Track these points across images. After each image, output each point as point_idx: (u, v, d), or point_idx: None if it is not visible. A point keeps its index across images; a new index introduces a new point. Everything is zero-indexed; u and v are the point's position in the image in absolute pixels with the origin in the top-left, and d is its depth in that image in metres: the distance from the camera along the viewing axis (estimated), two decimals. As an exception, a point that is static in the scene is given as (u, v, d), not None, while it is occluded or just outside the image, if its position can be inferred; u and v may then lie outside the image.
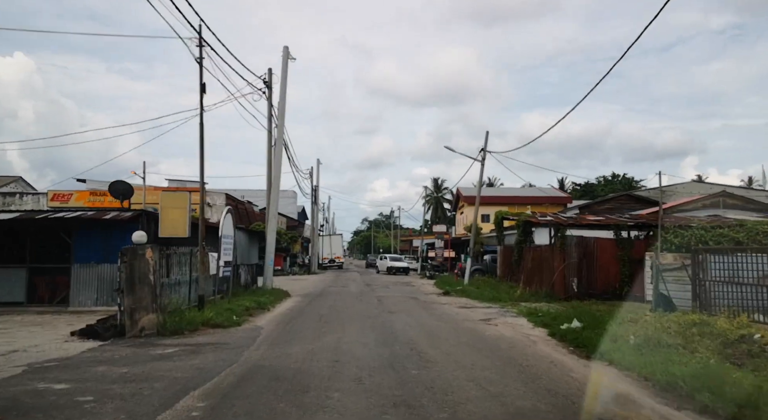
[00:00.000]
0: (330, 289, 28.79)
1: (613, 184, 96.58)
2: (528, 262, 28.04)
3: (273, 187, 22.52)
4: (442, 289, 28.98)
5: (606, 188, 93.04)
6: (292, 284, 32.22)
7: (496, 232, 34.65)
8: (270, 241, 22.65)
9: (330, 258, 60.68)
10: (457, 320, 15.78)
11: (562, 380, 8.40)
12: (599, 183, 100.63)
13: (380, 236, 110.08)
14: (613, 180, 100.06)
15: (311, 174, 46.90)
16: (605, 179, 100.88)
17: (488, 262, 38.69)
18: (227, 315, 14.32)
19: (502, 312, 18.50)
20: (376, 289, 29.49)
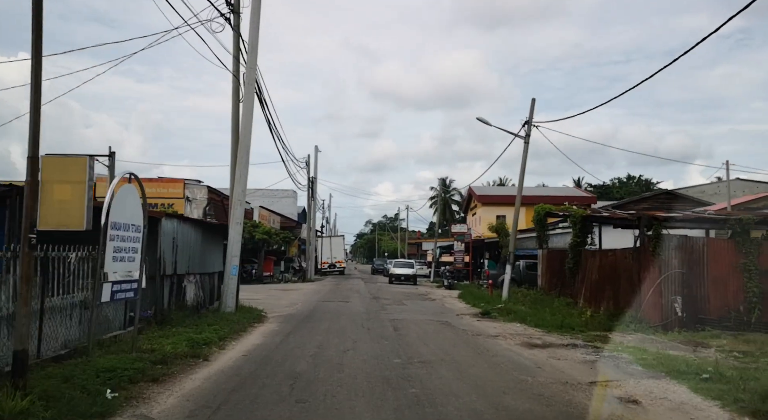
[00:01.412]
0: (325, 307, 21.10)
1: (628, 186, 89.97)
2: (592, 272, 20.39)
3: (240, 154, 14.80)
4: (476, 306, 21.32)
5: (621, 190, 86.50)
6: (277, 297, 24.59)
7: (537, 231, 26.94)
8: (233, 239, 14.94)
9: (330, 262, 53.01)
10: (557, 392, 8.02)
11: None
12: (613, 184, 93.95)
13: (385, 239, 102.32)
14: (629, 181, 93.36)
15: (307, 163, 39.52)
16: (620, 181, 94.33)
17: (522, 270, 31.02)
18: (84, 393, 6.54)
19: (607, 358, 10.76)
20: (387, 305, 21.80)
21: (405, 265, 44.04)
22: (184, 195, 40.08)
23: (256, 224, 36.71)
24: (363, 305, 21.52)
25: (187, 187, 40.37)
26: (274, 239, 36.69)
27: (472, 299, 23.79)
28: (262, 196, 65.74)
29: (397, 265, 43.82)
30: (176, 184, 40.07)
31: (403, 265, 44.08)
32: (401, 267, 42.75)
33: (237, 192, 14.99)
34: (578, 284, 21.61)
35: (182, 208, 40.37)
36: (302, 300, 23.68)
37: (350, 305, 21.46)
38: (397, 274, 41.18)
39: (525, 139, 22.95)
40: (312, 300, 23.73)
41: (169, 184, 40.06)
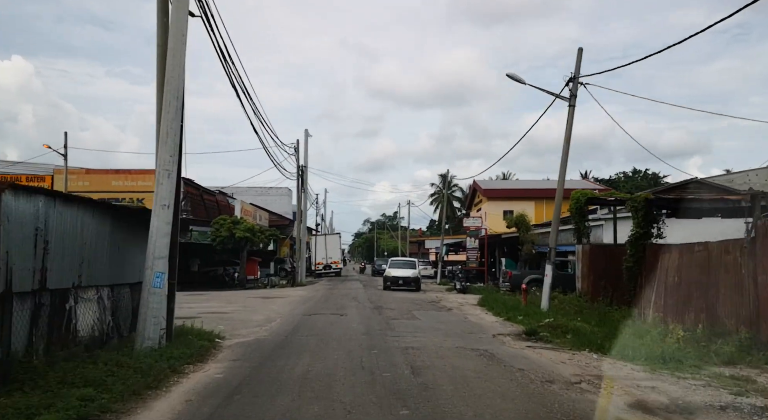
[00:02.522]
0: (311, 324, 15.57)
1: (634, 180, 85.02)
2: (667, 273, 14.95)
3: (167, 99, 9.09)
4: (512, 320, 15.78)
5: (628, 184, 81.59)
6: (253, 309, 19.04)
7: (576, 223, 21.50)
8: (158, 231, 9.32)
9: (325, 263, 47.42)
10: None
11: None
12: (619, 179, 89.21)
13: (385, 238, 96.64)
14: (634, 176, 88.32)
15: (296, 149, 33.99)
16: (625, 175, 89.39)
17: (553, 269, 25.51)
18: None
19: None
20: (394, 320, 16.22)
21: (405, 265, 32.47)
22: (157, 188, 34.47)
23: (237, 220, 31.15)
24: (362, 321, 15.97)
25: (159, 179, 34.77)
26: (258, 238, 31.14)
27: (501, 309, 18.30)
28: (255, 194, 60.34)
29: (395, 266, 32.42)
30: (146, 176, 34.41)
31: (403, 264, 32.49)
32: (400, 267, 31.68)
33: (163, 158, 9.43)
34: (642, 289, 16.18)
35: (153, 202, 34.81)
36: (284, 312, 18.15)
37: (345, 321, 15.91)
38: (395, 277, 30.45)
39: (570, 101, 17.43)
40: (297, 312, 18.20)
41: (138, 176, 34.44)
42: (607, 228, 30.37)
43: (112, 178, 33.99)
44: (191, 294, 26.59)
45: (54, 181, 33.42)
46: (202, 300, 22.88)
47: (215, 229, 30.66)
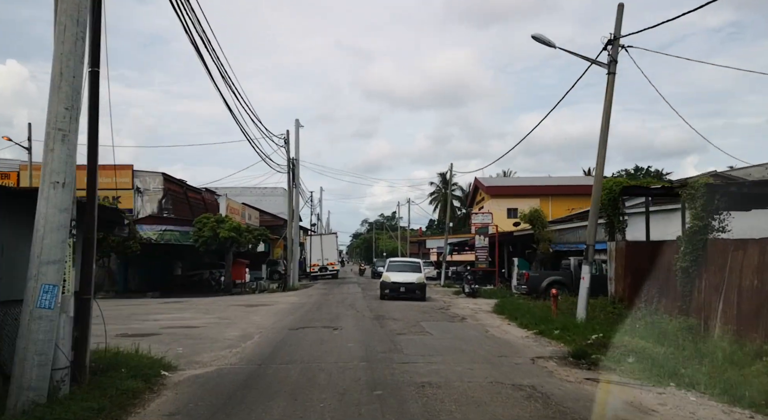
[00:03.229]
0: (296, 343, 12.33)
1: (636, 178, 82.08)
2: (744, 277, 11.73)
3: (60, 16, 5.98)
4: (546, 335, 12.52)
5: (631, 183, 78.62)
6: (230, 322, 15.69)
7: (609, 216, 18.33)
8: (48, 224, 6.07)
9: (321, 265, 44.09)
10: None
11: None
12: (621, 177, 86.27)
13: (383, 238, 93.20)
14: (636, 173, 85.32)
15: (286, 140, 30.66)
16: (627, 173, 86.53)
17: (573, 269, 22.36)
18: None
19: None
20: (399, 336, 12.89)
21: (406, 267, 25.25)
22: (134, 185, 31.21)
23: (221, 219, 27.85)
24: (360, 337, 12.69)
25: (137, 175, 31.50)
26: (245, 238, 27.84)
27: (526, 318, 15.03)
28: (250, 194, 57.20)
29: (395, 268, 24.86)
30: (123, 172, 31.11)
31: (404, 267, 25.24)
32: (400, 270, 24.41)
33: (56, 112, 6.11)
34: (702, 294, 12.97)
35: (131, 200, 31.53)
36: (267, 325, 14.87)
37: (339, 338, 12.63)
38: (395, 283, 23.23)
39: (609, 68, 14.19)
40: (282, 325, 14.91)
41: (113, 172, 31.13)
42: (632, 223, 27.17)
43: (83, 174, 30.57)
44: (167, 301, 23.32)
45: (20, 177, 30.14)
46: (175, 309, 19.61)
47: (198, 228, 27.39)
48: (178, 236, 28.27)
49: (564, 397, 7.20)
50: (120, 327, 14.61)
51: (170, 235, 28.19)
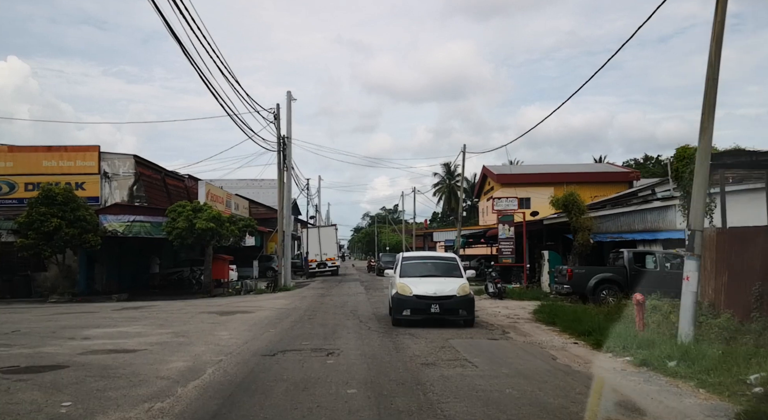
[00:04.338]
0: (268, 382, 7.74)
1: (645, 167, 78.02)
2: None
3: None
4: (654, 368, 7.89)
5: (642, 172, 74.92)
6: (187, 336, 10.90)
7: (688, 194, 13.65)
8: None
9: (319, 260, 39.43)
10: None
11: None
12: (630, 166, 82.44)
13: (386, 232, 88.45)
14: (646, 163, 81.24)
15: (276, 116, 25.94)
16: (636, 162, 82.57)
17: (626, 263, 17.72)
18: None
19: None
20: (426, 373, 8.11)
21: (435, 267, 14.63)
22: (100, 169, 26.51)
23: (199, 207, 23.23)
24: (366, 375, 7.97)
25: (104, 158, 26.81)
26: (226, 229, 23.20)
27: (598, 334, 10.43)
28: (246, 186, 52.71)
29: (415, 270, 14.24)
30: (88, 155, 26.40)
31: (432, 267, 14.60)
32: (426, 274, 13.98)
33: None
34: None
35: (97, 187, 26.84)
36: (233, 349, 10.24)
37: (334, 375, 7.95)
38: (421, 299, 12.85)
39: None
40: (254, 348, 10.27)
41: (77, 155, 26.45)
42: (684, 209, 22.62)
43: (42, 156, 25.97)
44: (127, 307, 18.72)
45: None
46: (126, 320, 15.01)
47: (171, 218, 22.77)
48: (149, 228, 23.64)
49: None
50: (22, 352, 10.07)
51: (140, 227, 23.56)
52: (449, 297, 12.83)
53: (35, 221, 20.83)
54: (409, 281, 13.27)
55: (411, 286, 12.97)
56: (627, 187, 45.13)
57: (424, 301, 12.75)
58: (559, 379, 7.68)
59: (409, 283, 13.17)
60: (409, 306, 12.84)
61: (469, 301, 13.08)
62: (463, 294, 13.00)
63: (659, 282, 16.54)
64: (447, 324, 12.96)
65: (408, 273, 13.96)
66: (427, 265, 14.71)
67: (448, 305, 12.80)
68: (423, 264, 14.81)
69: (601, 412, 6.00)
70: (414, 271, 14.06)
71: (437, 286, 13.05)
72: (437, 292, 12.83)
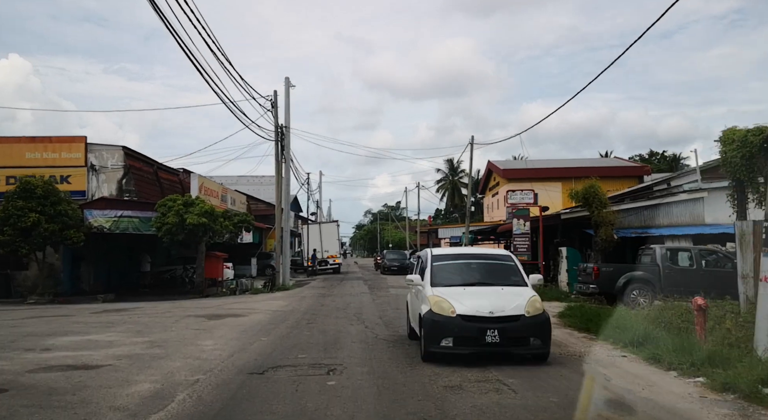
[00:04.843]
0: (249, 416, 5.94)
1: (650, 163, 76.61)
2: None
3: None
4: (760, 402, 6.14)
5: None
6: (165, 347, 9.00)
7: (737, 182, 11.95)
8: None
9: (320, 257, 37.66)
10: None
11: None
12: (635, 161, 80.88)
13: (389, 229, 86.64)
14: (651, 158, 79.57)
15: (273, 104, 24.15)
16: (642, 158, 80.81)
17: (659, 261, 15.86)
18: None
19: None
20: (464, 410, 6.48)
21: (482, 272, 9.76)
22: (87, 161, 24.74)
23: (191, 201, 21.45)
24: (377, 404, 6.26)
25: (92, 150, 25.03)
26: (220, 224, 21.44)
27: (653, 347, 8.67)
28: (247, 183, 50.98)
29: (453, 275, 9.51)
30: (74, 146, 24.59)
31: (476, 271, 9.79)
32: (471, 281, 9.38)
33: None
34: None
35: (84, 180, 25.07)
36: (215, 364, 8.47)
37: (335, 403, 6.22)
38: (470, 322, 8.25)
39: None
40: (240, 363, 8.49)
41: (62, 146, 24.63)
42: (712, 202, 20.80)
43: (25, 148, 24.20)
44: (108, 309, 16.95)
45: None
46: (101, 325, 13.25)
47: (161, 213, 21.02)
48: (138, 224, 21.88)
49: None
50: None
51: (128, 223, 21.81)
52: (514, 318, 8.25)
53: (11, 216, 19.07)
54: (447, 293, 8.69)
55: (452, 301, 8.38)
56: (637, 182, 43.26)
57: (475, 324, 8.12)
58: (631, 414, 5.89)
59: (448, 295, 8.59)
60: (452, 332, 8.17)
61: (543, 324, 8.46)
62: (535, 312, 8.43)
63: (696, 281, 14.78)
64: (503, 357, 8.36)
65: (443, 280, 9.22)
66: (471, 268, 9.85)
67: (514, 331, 8.20)
68: (464, 266, 9.95)
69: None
70: (452, 277, 9.35)
71: (493, 300, 8.46)
72: (495, 311, 8.22)
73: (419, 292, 9.52)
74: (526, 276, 9.56)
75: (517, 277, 9.48)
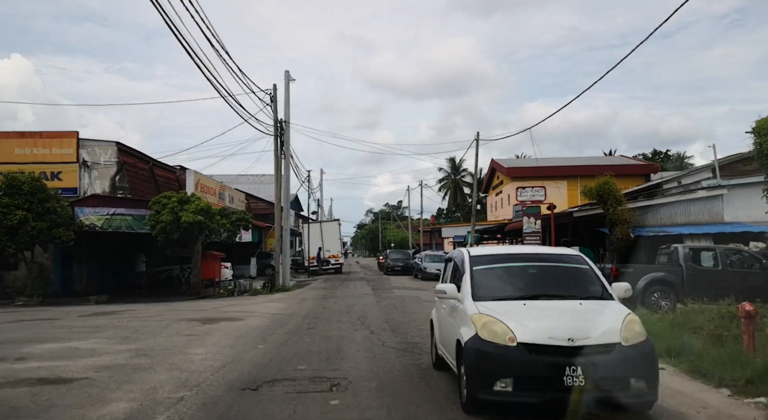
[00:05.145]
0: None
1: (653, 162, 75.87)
2: None
3: None
4: None
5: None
6: (151, 356, 7.89)
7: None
8: None
9: (322, 257, 36.64)
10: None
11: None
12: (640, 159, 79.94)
13: (391, 228, 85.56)
14: (654, 157, 78.77)
15: (273, 98, 23.15)
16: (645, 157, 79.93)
17: (682, 260, 14.79)
18: None
19: None
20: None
21: (550, 278, 6.76)
22: (79, 157, 23.76)
23: (186, 198, 20.47)
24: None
25: (84, 145, 24.04)
26: (217, 223, 20.45)
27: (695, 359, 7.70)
28: (248, 182, 50.03)
29: (505, 281, 6.66)
30: (65, 141, 23.57)
31: (544, 278, 6.77)
32: (533, 293, 6.33)
33: None
34: None
35: (75, 177, 24.10)
36: (203, 376, 7.46)
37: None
38: (545, 352, 5.25)
39: None
40: (232, 377, 7.48)
41: (53, 141, 23.63)
42: (732, 199, 19.85)
43: (15, 143, 23.22)
44: (97, 312, 15.94)
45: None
46: (87, 330, 12.27)
47: (155, 211, 20.04)
48: (131, 222, 20.92)
49: None
50: None
51: (120, 221, 20.85)
52: (606, 348, 5.32)
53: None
54: (499, 310, 5.80)
55: (510, 323, 5.50)
56: (644, 180, 42.27)
57: (547, 358, 5.25)
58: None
59: (501, 314, 5.69)
60: (511, 370, 5.30)
61: (648, 356, 5.46)
62: (635, 340, 5.45)
63: (721, 283, 13.83)
64: None
65: (490, 291, 6.37)
66: (529, 274, 6.81)
67: (607, 368, 5.23)
68: (519, 271, 6.86)
69: None
70: (503, 288, 6.53)
71: (571, 321, 5.60)
72: (576, 337, 5.28)
73: (455, 308, 6.50)
74: (608, 284, 6.42)
75: (597, 287, 6.33)
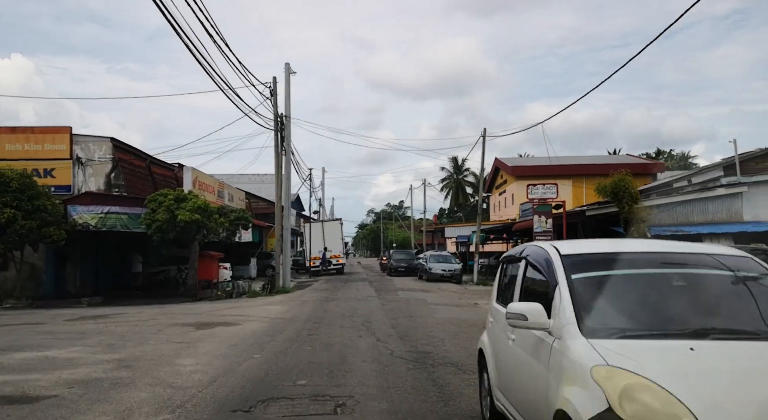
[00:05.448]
0: None
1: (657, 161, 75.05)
2: None
3: None
4: None
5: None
6: (134, 367, 6.83)
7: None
8: None
9: (323, 257, 35.65)
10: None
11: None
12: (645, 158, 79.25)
13: (392, 228, 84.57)
14: (658, 157, 78.08)
15: (273, 91, 22.21)
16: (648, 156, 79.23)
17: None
18: None
19: None
20: None
21: (727, 309, 3.55)
22: (73, 153, 22.80)
23: (183, 197, 19.53)
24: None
25: (78, 141, 23.10)
26: (215, 222, 19.51)
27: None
28: (249, 182, 49.18)
29: (640, 298, 3.51)
30: (58, 137, 22.61)
31: (722, 311, 3.51)
32: (697, 328, 3.15)
33: None
34: None
35: (69, 174, 23.17)
36: (189, 393, 6.51)
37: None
38: None
39: None
40: (221, 394, 6.50)
41: (46, 137, 22.67)
42: (752, 197, 18.87)
43: (6, 139, 22.29)
44: (86, 316, 14.96)
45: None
46: (73, 334, 11.34)
47: (151, 209, 19.11)
48: (126, 221, 19.97)
49: None
50: None
51: (115, 220, 19.90)
52: None
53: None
54: (647, 360, 2.84)
55: (682, 396, 2.56)
56: (651, 179, 41.26)
57: None
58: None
59: (657, 371, 2.73)
60: None
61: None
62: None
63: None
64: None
65: (612, 319, 3.40)
66: (673, 290, 3.70)
67: None
68: (656, 283, 3.78)
69: None
70: (636, 314, 3.48)
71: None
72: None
73: (540, 344, 3.64)
74: None
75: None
